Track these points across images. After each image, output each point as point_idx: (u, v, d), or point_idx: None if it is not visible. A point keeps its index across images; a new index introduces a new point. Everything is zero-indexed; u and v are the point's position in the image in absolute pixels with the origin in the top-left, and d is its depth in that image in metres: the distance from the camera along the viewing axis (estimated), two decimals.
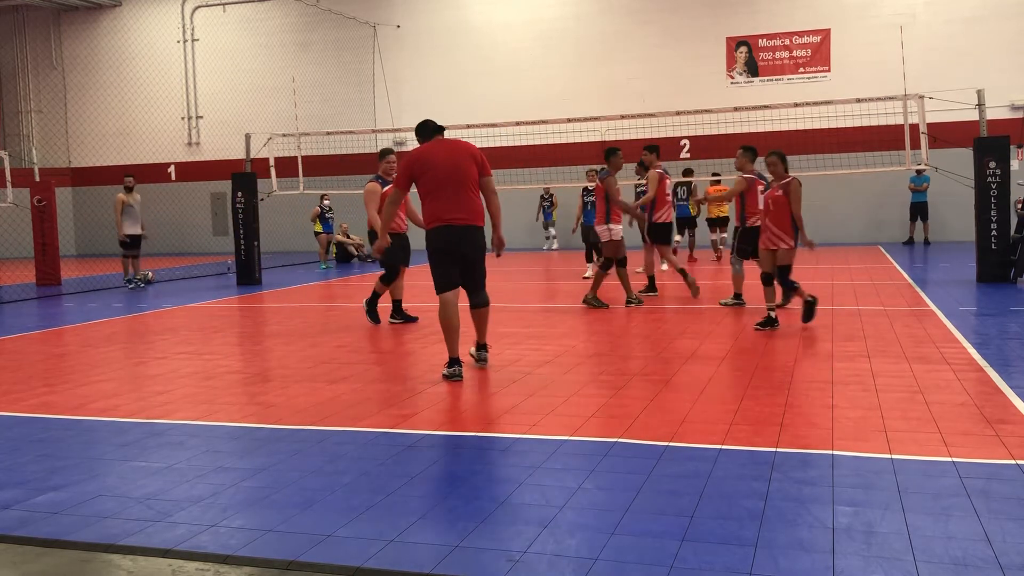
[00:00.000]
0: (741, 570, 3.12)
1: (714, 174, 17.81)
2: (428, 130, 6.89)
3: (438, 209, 6.63)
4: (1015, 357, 6.82)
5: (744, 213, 9.97)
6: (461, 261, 6.73)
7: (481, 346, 7.14)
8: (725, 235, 17.90)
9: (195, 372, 7.34)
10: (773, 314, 8.51)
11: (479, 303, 6.93)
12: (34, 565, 3.38)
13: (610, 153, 10.60)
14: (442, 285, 6.74)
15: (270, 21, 25.87)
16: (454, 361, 6.69)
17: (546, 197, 23.22)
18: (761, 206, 9.22)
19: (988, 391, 5.72)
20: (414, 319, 9.76)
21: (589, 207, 14.33)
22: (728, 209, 17.66)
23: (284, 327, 9.96)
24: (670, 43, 22.53)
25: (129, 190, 15.36)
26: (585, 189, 14.91)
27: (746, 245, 10.04)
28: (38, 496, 4.16)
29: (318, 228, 19.53)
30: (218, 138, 25.51)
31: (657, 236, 11.54)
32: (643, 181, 13.80)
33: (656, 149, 11.74)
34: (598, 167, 14.71)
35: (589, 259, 14.70)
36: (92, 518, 3.83)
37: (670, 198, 11.85)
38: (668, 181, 11.76)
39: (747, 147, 10.08)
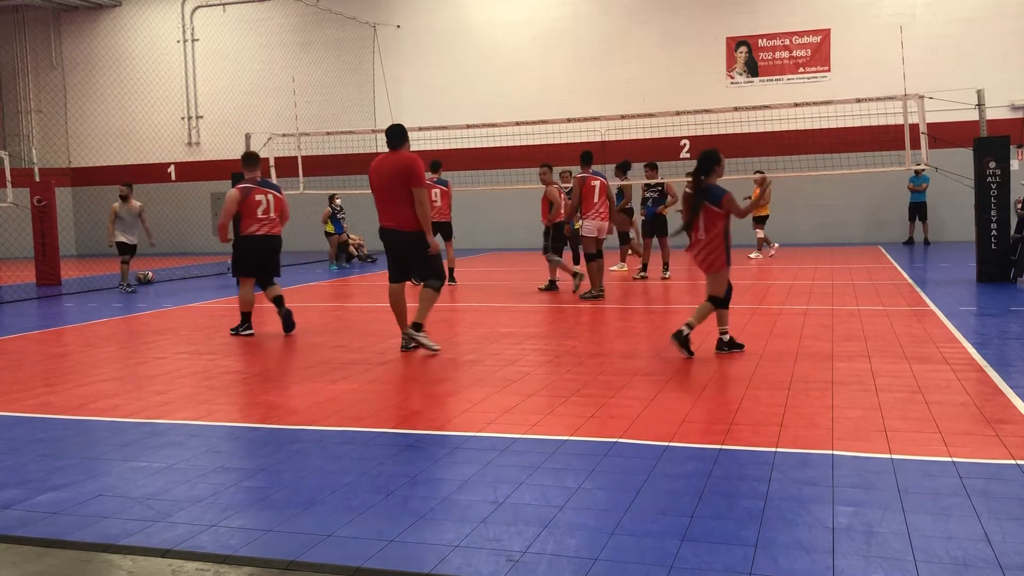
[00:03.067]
0: (741, 570, 3.12)
1: (757, 171, 17.84)
2: (388, 137, 7.91)
3: (379, 213, 7.89)
4: (1015, 357, 6.82)
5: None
6: (399, 257, 7.96)
7: (414, 324, 7.80)
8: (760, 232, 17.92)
9: (195, 372, 7.34)
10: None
11: (426, 285, 7.88)
12: (34, 565, 3.38)
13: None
14: (390, 276, 8.08)
15: (270, 21, 25.85)
16: (404, 335, 7.95)
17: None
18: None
19: (988, 391, 5.72)
20: (250, 331, 9.26)
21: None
22: (768, 208, 17.80)
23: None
24: (670, 43, 22.52)
25: (124, 199, 15.10)
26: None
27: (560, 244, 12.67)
28: (38, 496, 4.16)
29: (329, 229, 19.39)
30: (218, 138, 25.50)
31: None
32: (652, 182, 14.00)
33: (436, 166, 13.93)
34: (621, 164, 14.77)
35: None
36: (92, 518, 3.83)
37: (436, 203, 13.58)
38: (435, 190, 13.64)
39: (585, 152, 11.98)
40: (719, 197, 7.22)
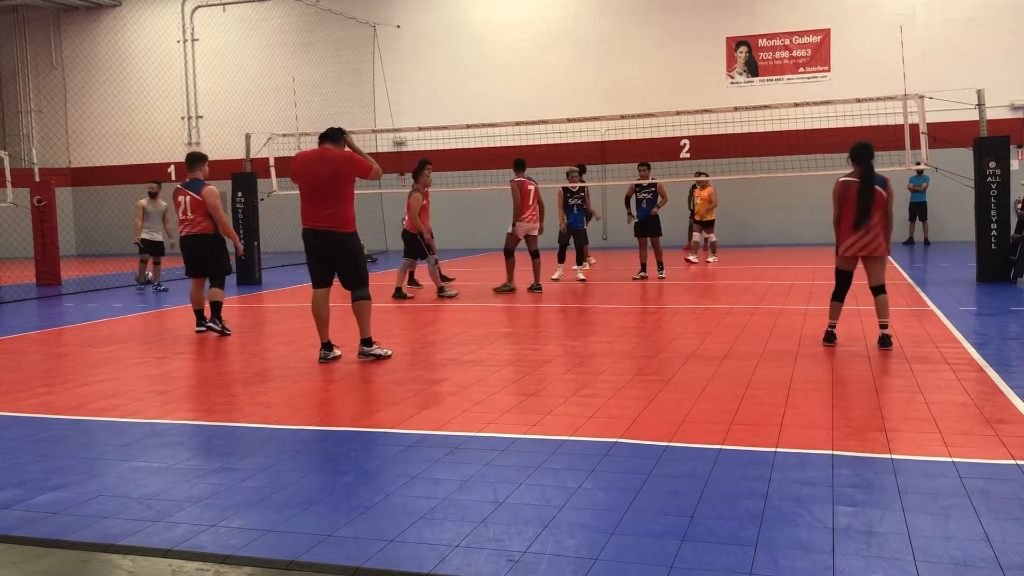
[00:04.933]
0: (741, 570, 3.12)
1: (699, 172, 17.74)
2: (324, 137, 7.51)
3: (304, 212, 7.42)
4: (1015, 357, 6.82)
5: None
6: (328, 261, 7.50)
7: (364, 341, 7.57)
8: (710, 236, 17.70)
9: (195, 372, 7.34)
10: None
11: (354, 298, 7.54)
12: (34, 565, 3.38)
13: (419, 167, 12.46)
14: (312, 281, 7.66)
15: (270, 21, 25.85)
16: (324, 346, 7.58)
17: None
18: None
19: (988, 391, 5.72)
20: (203, 328, 9.42)
21: (576, 210, 14.12)
22: (715, 212, 17.58)
23: (284, 327, 9.96)
24: (670, 43, 22.53)
25: (152, 196, 15.29)
26: (567, 190, 14.25)
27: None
28: (38, 496, 4.16)
29: None
30: (218, 138, 25.47)
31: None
32: (645, 182, 14.06)
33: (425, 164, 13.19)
34: (578, 167, 14.74)
35: (561, 259, 14.37)
36: (92, 518, 3.83)
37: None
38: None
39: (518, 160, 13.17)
40: (884, 182, 7.46)
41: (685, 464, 4.34)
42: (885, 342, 7.38)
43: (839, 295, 7.69)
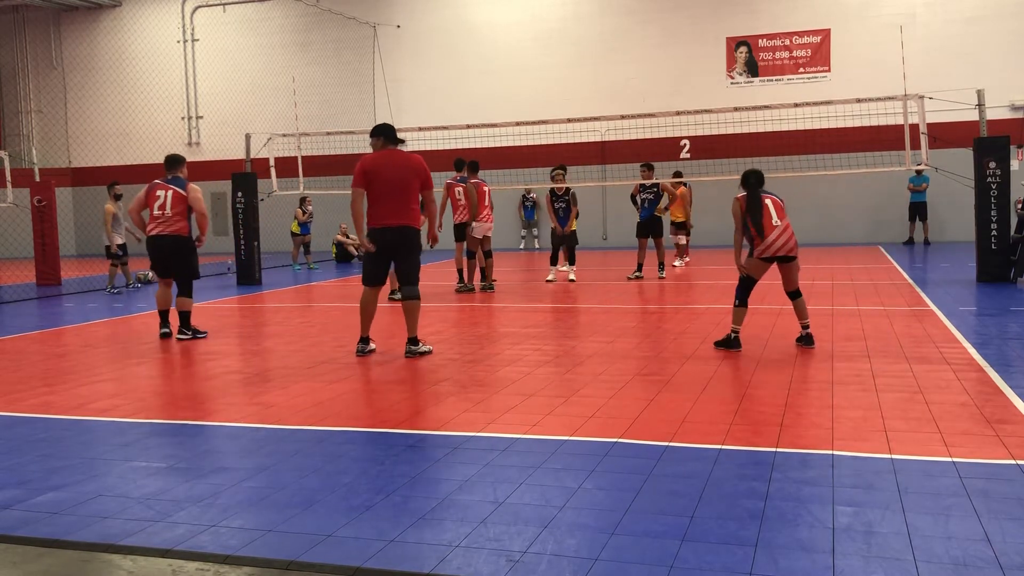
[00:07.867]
0: (741, 570, 3.12)
1: (676, 173, 17.33)
2: (384, 137, 7.69)
3: (379, 212, 7.58)
4: (1015, 357, 6.82)
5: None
6: (392, 257, 7.72)
7: (410, 339, 7.70)
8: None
9: (195, 372, 7.34)
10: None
11: (406, 295, 7.69)
12: (34, 565, 3.38)
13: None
14: (367, 278, 7.81)
15: (270, 21, 25.85)
16: (362, 340, 7.79)
17: (528, 198, 23.39)
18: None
19: (988, 391, 5.72)
20: (165, 332, 9.07)
21: (562, 213, 13.80)
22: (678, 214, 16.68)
23: (284, 327, 9.96)
24: (670, 43, 22.53)
25: (118, 198, 14.90)
26: (553, 192, 13.94)
27: None
28: (38, 496, 4.16)
29: (295, 229, 19.17)
30: (218, 138, 25.50)
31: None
32: (648, 182, 13.98)
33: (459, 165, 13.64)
34: (560, 169, 14.47)
35: (554, 262, 14.19)
36: (92, 518, 3.83)
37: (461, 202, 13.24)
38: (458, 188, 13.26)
39: (459, 160, 13.57)
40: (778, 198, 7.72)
41: (685, 464, 4.34)
42: (808, 341, 7.61)
43: (745, 299, 7.79)
